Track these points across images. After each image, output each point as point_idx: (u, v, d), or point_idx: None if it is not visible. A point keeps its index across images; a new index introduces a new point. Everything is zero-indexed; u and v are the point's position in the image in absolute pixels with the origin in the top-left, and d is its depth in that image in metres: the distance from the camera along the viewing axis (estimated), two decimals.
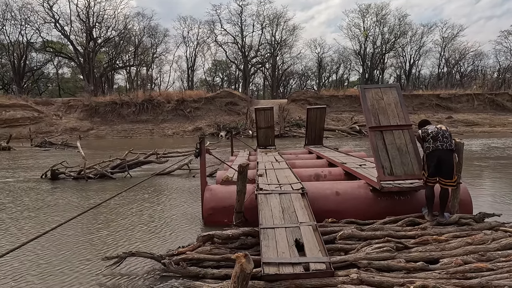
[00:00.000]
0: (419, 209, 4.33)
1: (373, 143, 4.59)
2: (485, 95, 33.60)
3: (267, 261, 2.79)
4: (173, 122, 32.29)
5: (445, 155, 3.92)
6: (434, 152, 3.94)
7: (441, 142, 3.95)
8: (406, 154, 4.50)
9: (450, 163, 3.92)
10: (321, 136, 11.71)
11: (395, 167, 4.44)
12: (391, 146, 4.57)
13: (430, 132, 4.04)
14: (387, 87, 5.04)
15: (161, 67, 55.31)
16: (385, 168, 4.43)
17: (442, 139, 3.97)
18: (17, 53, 44.05)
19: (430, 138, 4.01)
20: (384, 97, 4.90)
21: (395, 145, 4.57)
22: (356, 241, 3.48)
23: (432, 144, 3.97)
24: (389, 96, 4.90)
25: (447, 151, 3.93)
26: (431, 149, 3.97)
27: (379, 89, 5.00)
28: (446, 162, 3.92)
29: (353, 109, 32.50)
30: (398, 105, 4.80)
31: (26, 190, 7.37)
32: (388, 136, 4.64)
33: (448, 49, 50.19)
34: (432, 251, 3.12)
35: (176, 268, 2.93)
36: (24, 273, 3.24)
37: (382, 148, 4.55)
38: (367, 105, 4.85)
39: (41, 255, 3.67)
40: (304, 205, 3.99)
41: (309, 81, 60.50)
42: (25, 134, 26.33)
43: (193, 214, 5.18)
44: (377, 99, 4.87)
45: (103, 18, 44.16)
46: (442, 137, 3.98)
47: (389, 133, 4.65)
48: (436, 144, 3.95)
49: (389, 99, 4.88)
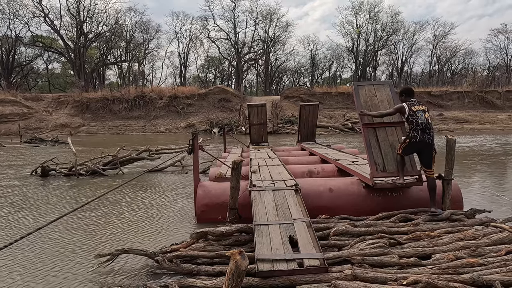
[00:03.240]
0: (412, 205, 4.36)
1: (366, 139, 4.61)
2: (475, 92, 34.02)
3: (261, 258, 2.79)
4: (166, 118, 32.05)
5: (428, 147, 4.10)
6: (420, 143, 4.06)
7: (428, 135, 4.07)
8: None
9: (430, 154, 4.12)
10: (313, 133, 11.73)
11: (388, 163, 4.47)
12: (384, 143, 4.59)
13: (421, 123, 4.08)
14: (380, 84, 5.06)
15: (153, 63, 54.94)
16: (378, 164, 4.46)
17: (429, 132, 4.09)
18: (6, 48, 43.17)
19: (419, 128, 4.07)
20: (377, 94, 4.91)
21: (388, 142, 4.60)
22: (349, 237, 3.49)
23: (420, 135, 4.05)
24: (382, 93, 4.92)
25: (431, 144, 4.10)
26: (418, 139, 4.05)
27: (372, 86, 5.01)
28: (427, 154, 4.12)
29: (346, 106, 32.63)
30: (391, 102, 4.81)
31: (15, 187, 7.24)
32: (381, 133, 4.66)
33: (440, 47, 50.77)
34: (424, 247, 3.15)
35: (170, 265, 2.91)
36: (13, 271, 3.18)
37: (375, 144, 4.57)
38: (360, 102, 4.86)
39: (32, 252, 3.61)
40: (297, 201, 3.99)
41: (302, 78, 60.68)
42: (14, 130, 25.86)
43: (186, 211, 5.15)
44: (370, 96, 4.88)
45: (94, 13, 43.53)
46: (429, 130, 4.10)
47: (382, 130, 4.68)
48: (424, 136, 4.05)
49: (382, 96, 4.89)
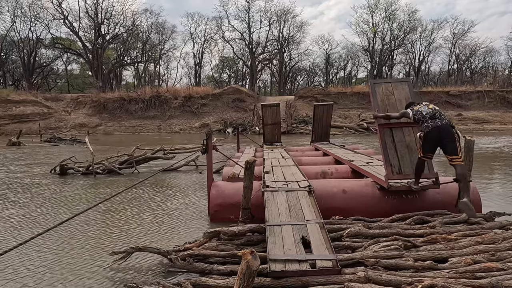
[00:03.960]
0: (427, 208, 4.26)
1: (382, 140, 4.51)
2: (496, 92, 32.99)
3: (273, 258, 2.78)
4: (180, 118, 32.40)
5: (447, 130, 3.82)
6: (435, 129, 3.84)
7: (440, 119, 3.89)
8: (416, 152, 4.33)
9: (453, 139, 3.79)
10: (327, 133, 11.65)
11: (404, 165, 4.36)
12: (400, 144, 4.47)
13: (426, 114, 3.94)
14: (398, 82, 4.88)
15: (168, 63, 55.62)
16: (394, 166, 4.35)
17: (440, 116, 3.91)
18: (27, 50, 44.67)
19: (428, 118, 3.91)
20: (395, 92, 4.75)
21: (404, 143, 4.47)
22: (363, 239, 3.45)
23: (431, 123, 3.87)
24: (400, 91, 4.75)
25: (448, 126, 3.85)
26: (431, 127, 3.85)
27: (390, 84, 4.84)
28: (448, 137, 3.80)
29: (361, 106, 32.23)
30: (409, 101, 4.62)
31: (35, 185, 7.46)
32: (398, 133, 4.53)
33: (459, 45, 49.45)
34: (441, 250, 3.07)
35: (183, 264, 2.94)
36: (31, 266, 3.28)
37: (391, 145, 4.45)
38: (377, 101, 4.71)
39: (49, 249, 3.71)
40: (311, 202, 3.96)
41: (316, 78, 60.23)
42: (35, 129, 26.67)
43: (200, 211, 5.19)
44: (388, 95, 4.73)
45: (111, 15, 44.49)
46: (440, 115, 3.93)
47: (398, 130, 4.54)
48: (436, 122, 3.86)
49: (400, 94, 4.73)
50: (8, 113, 30.42)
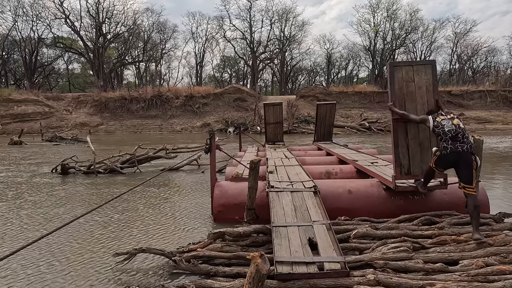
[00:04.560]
0: (434, 208, 4.19)
1: (395, 137, 4.19)
2: (498, 91, 32.84)
3: (280, 260, 2.72)
4: (182, 117, 32.36)
5: (466, 158, 3.40)
6: (453, 154, 3.42)
7: (462, 143, 3.43)
8: (428, 150, 4.14)
9: (470, 168, 3.39)
10: (330, 132, 11.58)
11: (414, 165, 4.19)
12: (413, 141, 4.16)
13: (448, 131, 3.50)
14: (421, 65, 4.20)
15: (170, 63, 55.47)
16: (403, 166, 4.19)
17: (463, 140, 3.44)
18: (29, 49, 44.64)
19: (448, 138, 3.48)
20: (416, 78, 4.13)
21: (417, 140, 4.16)
22: (370, 240, 3.39)
23: (451, 145, 3.43)
24: (421, 76, 4.13)
25: (468, 154, 3.41)
26: (449, 150, 3.43)
27: (411, 67, 4.16)
28: (466, 164, 3.40)
29: (363, 105, 32.16)
30: (430, 89, 4.10)
31: (36, 184, 7.41)
32: (412, 129, 4.17)
33: (461, 45, 49.25)
34: (451, 252, 3.01)
35: (187, 266, 2.88)
36: (33, 269, 3.22)
37: (403, 143, 4.17)
38: (395, 89, 4.14)
39: (51, 250, 3.65)
40: (316, 203, 3.90)
41: (318, 77, 60.10)
42: (36, 128, 26.68)
43: (203, 211, 5.13)
44: (407, 81, 4.14)
45: (112, 14, 44.40)
46: (462, 137, 3.46)
47: (413, 126, 4.16)
48: (456, 146, 3.42)
49: (420, 80, 4.13)
50: (10, 112, 30.41)
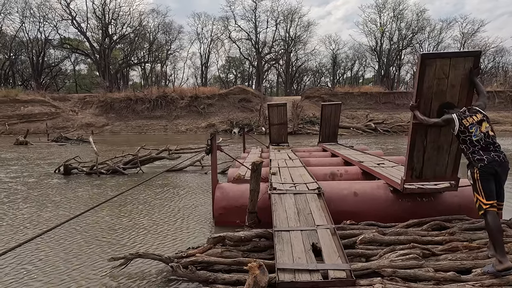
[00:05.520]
0: (444, 211, 4.01)
1: (412, 140, 3.77)
2: (506, 92, 32.32)
3: (282, 267, 2.58)
4: (187, 118, 32.35)
5: (504, 169, 2.79)
6: (493, 164, 2.76)
7: (495, 152, 2.80)
8: (446, 154, 3.82)
9: (504, 179, 2.83)
10: (335, 133, 11.41)
11: (426, 168, 3.92)
12: (431, 144, 3.75)
13: (477, 141, 2.85)
14: (461, 57, 3.39)
15: (175, 63, 55.75)
16: (415, 170, 3.93)
17: (494, 148, 2.83)
18: (36, 50, 45.11)
19: (478, 149, 2.83)
20: (451, 74, 3.42)
21: (436, 144, 3.75)
22: (377, 246, 3.23)
23: (486, 155, 2.78)
24: (459, 71, 3.40)
25: (505, 163, 2.80)
26: (487, 160, 2.76)
27: (449, 61, 3.39)
28: (503, 179, 2.82)
29: (368, 106, 31.91)
30: (465, 87, 3.42)
31: (38, 185, 7.35)
32: (433, 133, 3.70)
33: (468, 45, 48.59)
34: (463, 260, 2.84)
35: (185, 272, 2.76)
36: (25, 271, 3.12)
37: (420, 147, 3.78)
38: (423, 88, 3.48)
39: (45, 252, 3.55)
40: (320, 206, 3.75)
41: (323, 78, 59.86)
42: (43, 129, 26.81)
43: (204, 213, 5.01)
44: (440, 78, 3.43)
45: (118, 15, 44.71)
46: (494, 145, 2.84)
47: (435, 129, 3.68)
48: (491, 155, 2.78)
49: (456, 77, 3.42)
50: (17, 113, 30.66)
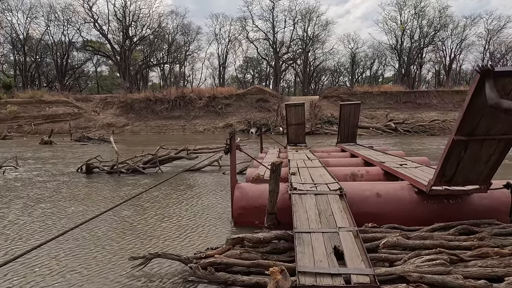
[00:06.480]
0: (472, 215, 3.83)
1: (449, 152, 3.42)
2: None
3: (302, 270, 2.51)
4: (205, 118, 32.59)
5: None
6: None
7: None
8: (483, 164, 3.54)
9: None
10: (354, 134, 11.18)
11: (459, 174, 3.63)
12: (468, 156, 3.43)
13: None
14: None
15: (193, 64, 56.31)
16: (445, 176, 3.68)
17: None
18: (60, 52, 46.69)
19: None
20: None
21: (475, 155, 3.43)
22: (401, 250, 3.11)
23: None
24: None
25: None
26: None
27: None
28: None
29: (388, 106, 31.19)
30: None
31: (61, 183, 7.54)
32: (474, 147, 3.34)
33: (494, 42, 46.95)
34: (494, 267, 2.69)
35: (203, 273, 2.73)
36: (45, 269, 3.17)
37: (455, 158, 3.47)
38: (476, 104, 2.99)
39: (64, 251, 3.61)
40: (343, 207, 3.66)
41: (341, 77, 59.15)
42: (66, 129, 27.63)
43: (223, 213, 4.99)
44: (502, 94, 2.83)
45: (138, 17, 45.62)
46: None
47: (477, 143, 3.31)
48: None
49: None
50: (42, 113, 31.71)
